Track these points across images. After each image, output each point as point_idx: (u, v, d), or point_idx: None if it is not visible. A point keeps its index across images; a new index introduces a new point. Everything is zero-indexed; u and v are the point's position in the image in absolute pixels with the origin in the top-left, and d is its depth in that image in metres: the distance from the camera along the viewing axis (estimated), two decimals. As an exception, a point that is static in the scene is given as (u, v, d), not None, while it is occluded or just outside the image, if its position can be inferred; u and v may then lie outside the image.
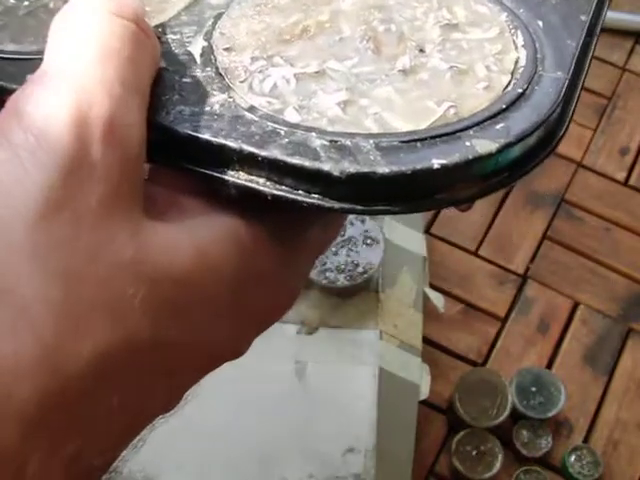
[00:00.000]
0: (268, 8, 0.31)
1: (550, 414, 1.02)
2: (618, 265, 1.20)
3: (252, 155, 0.24)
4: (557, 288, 1.17)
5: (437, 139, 0.24)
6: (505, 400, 1.01)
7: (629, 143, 1.33)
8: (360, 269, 0.79)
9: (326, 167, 0.23)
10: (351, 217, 0.83)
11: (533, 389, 1.04)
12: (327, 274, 0.79)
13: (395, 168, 0.23)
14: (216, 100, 0.26)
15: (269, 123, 0.25)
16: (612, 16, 1.46)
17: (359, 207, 0.24)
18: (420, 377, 0.82)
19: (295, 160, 0.24)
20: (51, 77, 0.22)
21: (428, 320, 0.90)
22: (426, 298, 0.89)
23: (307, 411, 0.73)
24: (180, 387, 0.24)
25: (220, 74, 0.27)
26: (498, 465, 0.98)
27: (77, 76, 0.22)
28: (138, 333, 0.21)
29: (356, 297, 0.79)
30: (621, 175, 1.29)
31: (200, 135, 0.25)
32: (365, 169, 0.23)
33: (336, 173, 0.23)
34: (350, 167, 0.23)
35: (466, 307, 1.15)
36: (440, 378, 1.04)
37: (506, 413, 1.00)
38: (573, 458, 1.01)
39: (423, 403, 0.86)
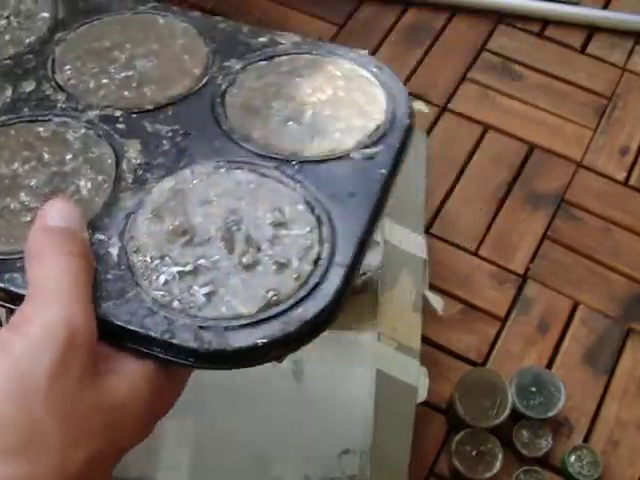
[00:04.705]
0: (161, 211, 0.41)
1: (550, 414, 1.02)
2: (618, 265, 1.19)
3: (152, 338, 0.37)
4: (557, 288, 1.17)
5: (262, 322, 0.37)
6: (505, 400, 1.01)
7: (629, 143, 1.32)
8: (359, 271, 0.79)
9: (195, 345, 0.37)
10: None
11: (533, 389, 1.03)
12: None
13: (237, 345, 0.37)
14: (130, 295, 0.38)
15: (163, 313, 0.38)
16: (612, 16, 1.46)
17: (215, 366, 0.37)
18: (418, 380, 0.82)
19: (177, 341, 0.37)
20: (41, 298, 0.36)
21: (428, 320, 0.90)
22: (425, 300, 0.89)
23: (304, 412, 0.73)
24: (118, 461, 0.39)
25: (131, 271, 0.39)
26: (498, 465, 0.98)
27: (58, 297, 0.36)
28: (99, 442, 0.36)
29: (355, 299, 0.79)
30: (621, 175, 1.29)
31: (121, 324, 0.38)
32: (221, 347, 0.37)
33: (201, 350, 0.37)
34: (210, 346, 0.37)
35: (466, 307, 1.14)
36: (440, 378, 1.04)
37: (506, 413, 1.00)
38: (573, 458, 1.01)
39: (423, 403, 0.85)
